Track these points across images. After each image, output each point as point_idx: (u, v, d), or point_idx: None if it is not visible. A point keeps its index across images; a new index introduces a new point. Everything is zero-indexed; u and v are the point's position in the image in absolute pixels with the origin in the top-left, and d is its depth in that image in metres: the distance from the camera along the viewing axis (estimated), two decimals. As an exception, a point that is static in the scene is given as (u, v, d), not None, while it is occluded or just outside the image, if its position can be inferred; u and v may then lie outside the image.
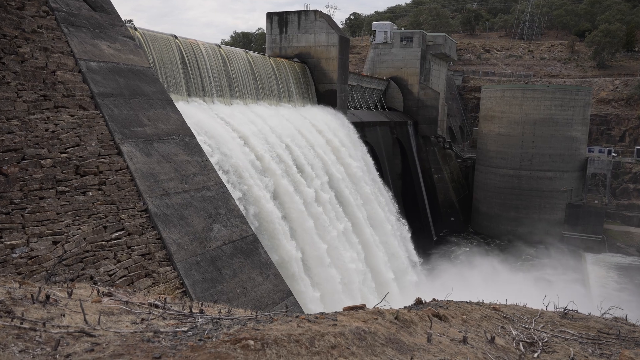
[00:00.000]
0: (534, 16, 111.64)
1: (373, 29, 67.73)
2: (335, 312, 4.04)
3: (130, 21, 27.23)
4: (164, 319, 3.96)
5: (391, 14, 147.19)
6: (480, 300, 7.29)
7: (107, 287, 6.13)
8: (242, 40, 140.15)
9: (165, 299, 4.64)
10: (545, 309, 7.33)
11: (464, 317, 5.34)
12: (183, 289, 9.94)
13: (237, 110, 30.67)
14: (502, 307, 6.81)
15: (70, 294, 4.43)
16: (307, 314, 3.86)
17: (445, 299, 6.35)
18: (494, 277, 43.94)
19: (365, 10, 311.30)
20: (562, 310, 7.25)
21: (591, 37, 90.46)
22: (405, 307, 5.16)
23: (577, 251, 55.10)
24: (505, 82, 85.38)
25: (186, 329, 3.34)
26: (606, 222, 58.05)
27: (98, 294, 4.86)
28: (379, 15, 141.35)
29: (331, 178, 33.35)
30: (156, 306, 4.43)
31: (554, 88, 60.35)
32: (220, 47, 32.73)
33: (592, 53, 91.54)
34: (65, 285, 5.20)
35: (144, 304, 4.42)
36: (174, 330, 3.29)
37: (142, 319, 3.71)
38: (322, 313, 3.96)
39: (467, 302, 6.51)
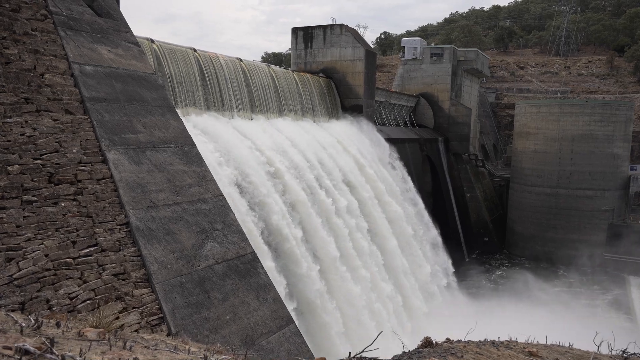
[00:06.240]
0: (570, 32, 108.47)
1: (402, 45, 66.44)
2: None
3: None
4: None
5: (422, 32, 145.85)
6: (513, 339, 5.62)
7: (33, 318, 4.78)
8: (273, 60, 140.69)
9: (52, 340, 3.25)
10: (598, 351, 5.62)
11: (486, 370, 3.75)
12: (160, 315, 8.52)
13: (257, 125, 29.56)
14: (540, 349, 5.13)
15: None
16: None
17: (463, 340, 4.73)
18: (530, 304, 41.12)
19: (397, 30, 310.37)
20: (621, 354, 5.52)
21: (631, 51, 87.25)
22: (397, 358, 3.59)
23: (621, 275, 51.79)
24: (540, 98, 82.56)
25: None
26: (651, 243, 54.57)
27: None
28: (410, 35, 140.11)
29: (356, 195, 31.77)
30: (27, 352, 3.03)
31: (593, 103, 57.61)
32: (241, 60, 31.83)
33: (632, 68, 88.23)
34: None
35: (9, 348, 3.04)
36: None
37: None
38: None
39: (492, 342, 4.86)
